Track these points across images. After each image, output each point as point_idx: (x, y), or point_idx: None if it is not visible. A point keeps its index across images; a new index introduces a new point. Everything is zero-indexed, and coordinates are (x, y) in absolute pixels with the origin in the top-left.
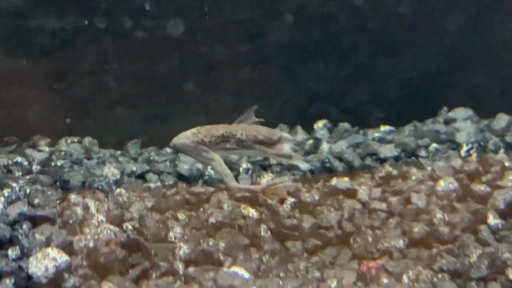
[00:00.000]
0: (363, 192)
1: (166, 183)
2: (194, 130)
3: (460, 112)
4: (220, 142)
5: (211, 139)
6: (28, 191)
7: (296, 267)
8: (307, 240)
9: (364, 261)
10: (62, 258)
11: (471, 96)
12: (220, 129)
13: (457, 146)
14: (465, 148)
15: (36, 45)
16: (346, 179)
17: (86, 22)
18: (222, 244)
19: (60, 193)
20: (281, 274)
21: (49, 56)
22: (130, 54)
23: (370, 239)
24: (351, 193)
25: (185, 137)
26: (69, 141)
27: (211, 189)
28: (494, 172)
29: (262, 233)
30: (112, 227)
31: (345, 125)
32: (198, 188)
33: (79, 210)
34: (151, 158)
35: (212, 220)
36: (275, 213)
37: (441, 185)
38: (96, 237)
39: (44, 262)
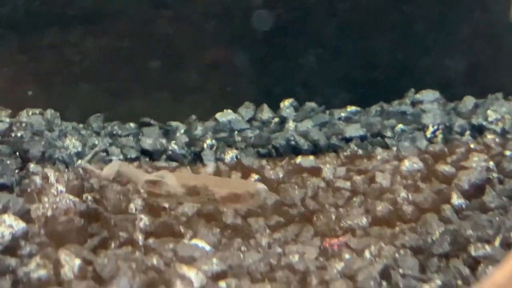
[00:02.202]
0: (327, 171)
1: (129, 157)
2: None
3: (427, 94)
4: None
5: (182, 188)
6: None
7: (258, 242)
8: (269, 217)
9: (327, 238)
10: (19, 225)
11: (439, 79)
12: (192, 180)
13: (423, 128)
14: (431, 129)
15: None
16: (311, 157)
17: None
18: (183, 218)
19: (19, 162)
20: (243, 248)
21: (12, 28)
22: (96, 28)
23: (333, 217)
24: (315, 172)
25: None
26: (30, 113)
27: (174, 164)
28: (459, 153)
29: (224, 208)
30: (71, 197)
31: (312, 105)
32: (161, 163)
33: (38, 179)
34: (114, 132)
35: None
36: None
37: (406, 165)
38: (54, 206)
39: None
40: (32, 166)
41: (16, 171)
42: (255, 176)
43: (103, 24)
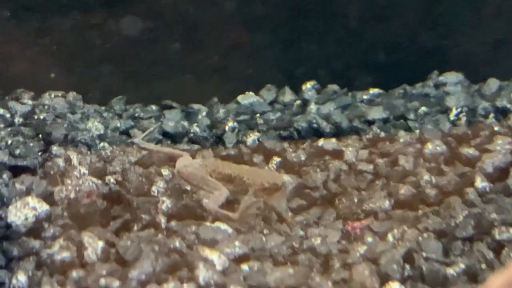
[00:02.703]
0: (350, 154)
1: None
2: (199, 161)
3: (451, 77)
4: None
5: (217, 175)
6: (9, 142)
7: (280, 225)
8: (291, 200)
9: (349, 222)
10: (42, 207)
11: (463, 61)
12: (227, 169)
13: (446, 110)
14: (454, 112)
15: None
16: (333, 140)
17: None
18: (205, 200)
19: (42, 145)
20: (265, 231)
21: (35, 11)
22: (118, 10)
23: (355, 200)
24: (338, 154)
25: (191, 165)
26: (52, 95)
27: (196, 146)
28: (483, 136)
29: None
30: (94, 179)
31: (334, 87)
32: (183, 146)
33: (61, 162)
34: (136, 114)
35: None
36: None
37: (429, 147)
38: (77, 188)
39: (23, 211)
40: (55, 149)
41: (39, 153)
42: (277, 159)
43: (125, 6)
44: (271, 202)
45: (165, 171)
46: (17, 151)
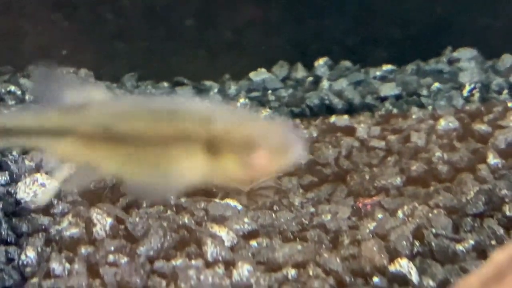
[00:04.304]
0: (362, 130)
1: None
2: None
3: (465, 52)
4: None
5: None
6: None
7: (290, 202)
8: (303, 176)
9: (360, 198)
10: (51, 184)
11: (477, 36)
12: None
13: (459, 86)
14: (467, 88)
15: None
16: (346, 116)
17: None
18: None
19: None
20: (275, 208)
21: None
22: None
23: (367, 176)
24: (349, 131)
25: None
26: (64, 72)
27: None
28: (496, 112)
29: None
30: None
31: (346, 63)
32: None
33: None
34: (148, 91)
35: None
36: None
37: (442, 124)
38: None
39: (32, 188)
40: None
41: None
42: None
43: None
44: None
45: None
46: None
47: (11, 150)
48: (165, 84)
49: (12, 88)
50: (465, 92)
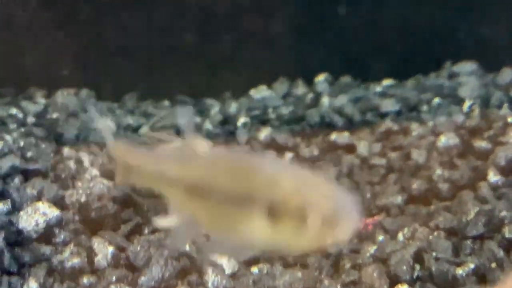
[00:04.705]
0: (362, 147)
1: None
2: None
3: (465, 66)
4: None
5: None
6: (21, 144)
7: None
8: None
9: (361, 218)
10: (53, 213)
11: (477, 49)
12: None
13: (459, 101)
14: (467, 103)
15: None
16: (346, 134)
17: None
18: None
19: (54, 146)
20: None
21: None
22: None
23: (368, 195)
24: (350, 148)
25: None
26: (65, 93)
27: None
28: (496, 128)
29: None
30: (105, 181)
31: (347, 79)
32: None
33: (72, 164)
34: (148, 111)
35: None
36: None
37: (442, 140)
38: (88, 191)
39: (34, 217)
40: (66, 150)
41: (51, 155)
42: (289, 154)
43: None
44: None
45: None
46: (29, 154)
47: (14, 177)
48: (166, 103)
49: (14, 111)
50: (465, 108)
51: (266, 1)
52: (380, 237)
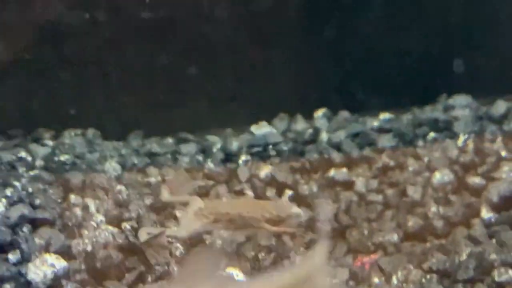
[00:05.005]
0: (360, 184)
1: (166, 177)
2: (195, 207)
3: (459, 99)
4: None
5: (216, 216)
6: (30, 190)
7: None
8: (304, 235)
9: (359, 257)
10: (60, 264)
11: (472, 80)
12: (226, 207)
13: (454, 135)
14: (462, 138)
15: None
16: (344, 170)
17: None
18: (218, 242)
19: (61, 191)
20: None
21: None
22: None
23: (365, 232)
24: (348, 185)
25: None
26: (72, 134)
27: (211, 182)
28: (489, 163)
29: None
30: (110, 227)
31: (345, 114)
32: (198, 182)
33: (78, 211)
34: (153, 150)
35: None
36: None
37: (437, 177)
38: (94, 239)
39: (42, 269)
40: (72, 197)
41: (58, 201)
42: (289, 192)
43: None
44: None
45: (179, 214)
46: (37, 201)
47: (22, 227)
48: (170, 140)
49: (23, 154)
50: (459, 142)
51: (266, 39)
52: (376, 280)
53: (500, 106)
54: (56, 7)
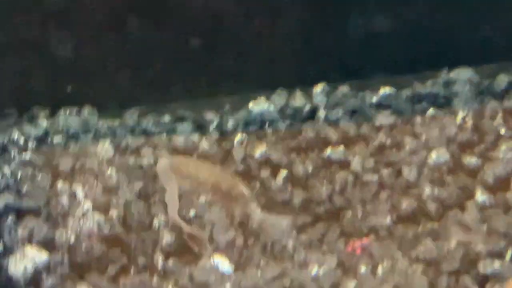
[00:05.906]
0: (356, 163)
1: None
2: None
3: (460, 73)
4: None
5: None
6: (19, 176)
7: (283, 246)
8: (297, 217)
9: (351, 241)
10: (41, 257)
11: (474, 52)
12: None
13: (454, 112)
14: (460, 115)
15: None
16: (341, 148)
17: None
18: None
19: (50, 177)
20: (262, 263)
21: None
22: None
23: (359, 214)
24: (344, 164)
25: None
26: (67, 113)
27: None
28: (487, 142)
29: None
30: (97, 216)
31: (344, 89)
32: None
33: (65, 199)
34: (148, 129)
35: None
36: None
37: (433, 157)
38: (78, 230)
39: (23, 262)
40: (59, 185)
41: (47, 187)
42: (284, 172)
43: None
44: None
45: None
46: (24, 188)
47: (7, 217)
48: (166, 119)
49: (16, 136)
50: (458, 119)
51: (267, 12)
52: (363, 268)
53: (501, 81)
54: None
